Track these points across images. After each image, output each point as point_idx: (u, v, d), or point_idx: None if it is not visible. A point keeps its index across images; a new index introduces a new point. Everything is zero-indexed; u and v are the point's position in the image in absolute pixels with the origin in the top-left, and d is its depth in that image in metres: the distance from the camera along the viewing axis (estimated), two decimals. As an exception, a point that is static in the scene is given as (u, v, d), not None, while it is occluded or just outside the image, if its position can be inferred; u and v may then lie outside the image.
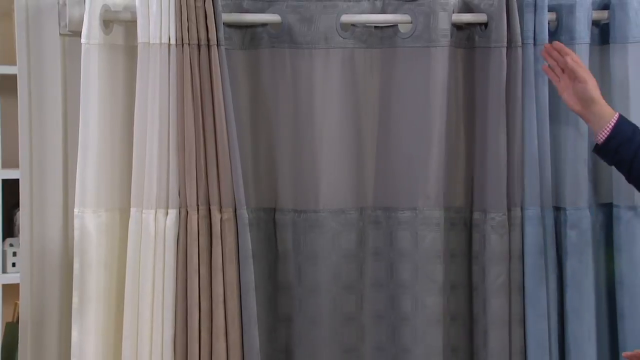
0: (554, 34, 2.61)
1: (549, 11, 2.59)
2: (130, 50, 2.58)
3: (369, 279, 2.65)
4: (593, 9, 2.62)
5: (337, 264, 2.63)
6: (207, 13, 2.51)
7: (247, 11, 2.62)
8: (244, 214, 2.53)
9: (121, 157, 2.59)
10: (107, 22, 2.56)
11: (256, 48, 2.63)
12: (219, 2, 2.52)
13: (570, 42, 2.58)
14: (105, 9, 2.55)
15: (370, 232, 2.65)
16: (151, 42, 2.51)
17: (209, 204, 2.54)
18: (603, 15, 2.63)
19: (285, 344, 2.65)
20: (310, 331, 2.62)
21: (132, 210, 2.54)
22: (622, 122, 2.45)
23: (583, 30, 2.58)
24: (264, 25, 2.63)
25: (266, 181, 2.67)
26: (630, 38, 2.58)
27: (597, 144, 2.47)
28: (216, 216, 2.53)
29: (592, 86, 2.47)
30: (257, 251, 2.60)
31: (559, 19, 2.61)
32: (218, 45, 2.52)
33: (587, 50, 2.60)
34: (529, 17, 2.56)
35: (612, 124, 2.44)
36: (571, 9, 2.58)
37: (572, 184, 2.60)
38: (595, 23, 2.65)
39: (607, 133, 2.44)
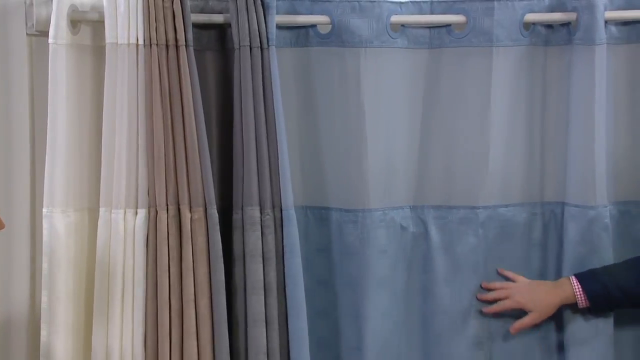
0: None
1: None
2: (98, 51, 2.57)
3: None
4: (551, 11, 2.64)
5: None
6: (175, 13, 2.50)
7: (213, 11, 2.62)
8: (214, 213, 2.54)
9: (90, 156, 2.59)
10: (75, 22, 2.55)
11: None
12: (188, 3, 2.51)
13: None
14: (73, 9, 2.54)
15: None
16: (119, 42, 2.51)
17: (179, 204, 2.54)
18: (572, 16, 2.62)
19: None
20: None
21: (101, 210, 2.54)
22: (581, 278, 2.57)
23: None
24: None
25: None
26: (597, 40, 2.58)
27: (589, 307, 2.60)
28: (186, 216, 2.53)
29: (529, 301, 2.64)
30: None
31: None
32: (187, 45, 2.51)
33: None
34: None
35: (577, 285, 2.58)
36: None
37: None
38: (557, 24, 2.66)
39: (581, 293, 2.57)
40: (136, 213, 2.53)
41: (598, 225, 2.62)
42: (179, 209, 2.54)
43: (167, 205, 2.53)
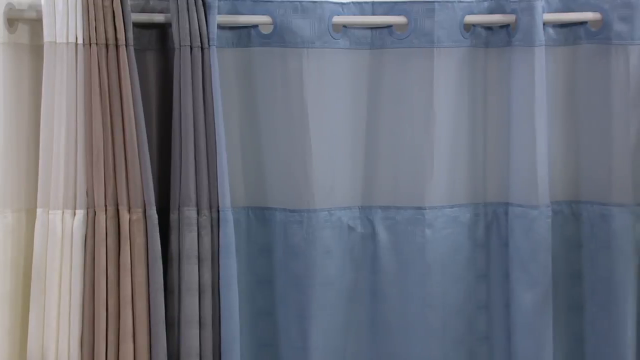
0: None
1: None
2: (36, 50, 2.55)
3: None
4: (491, 13, 2.67)
5: None
6: (115, 12, 2.49)
7: (153, 10, 2.61)
8: (153, 214, 2.52)
9: (28, 157, 2.56)
10: (12, 20, 2.52)
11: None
12: (128, 2, 2.49)
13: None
14: (9, 7, 2.52)
15: None
16: (57, 41, 2.48)
17: (118, 205, 2.52)
18: (510, 18, 2.65)
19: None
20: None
21: (39, 210, 2.51)
22: None
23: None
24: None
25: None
26: (537, 42, 2.61)
27: None
28: (125, 217, 2.52)
29: None
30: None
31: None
32: (127, 45, 2.50)
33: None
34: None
35: None
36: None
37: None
38: (496, 26, 2.69)
39: None
40: (74, 214, 2.51)
41: (540, 224, 2.65)
42: (117, 210, 2.52)
43: (105, 206, 2.52)
